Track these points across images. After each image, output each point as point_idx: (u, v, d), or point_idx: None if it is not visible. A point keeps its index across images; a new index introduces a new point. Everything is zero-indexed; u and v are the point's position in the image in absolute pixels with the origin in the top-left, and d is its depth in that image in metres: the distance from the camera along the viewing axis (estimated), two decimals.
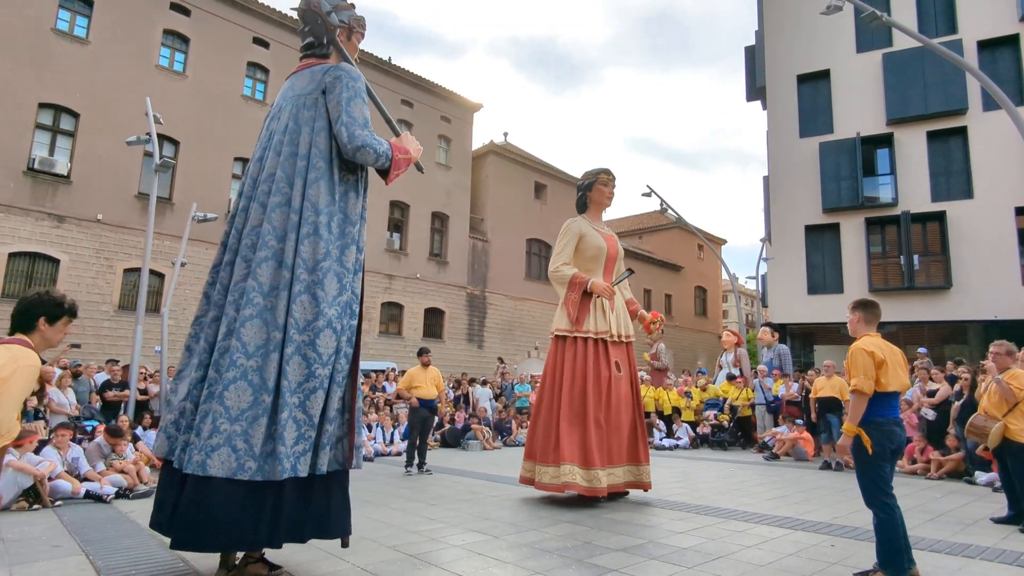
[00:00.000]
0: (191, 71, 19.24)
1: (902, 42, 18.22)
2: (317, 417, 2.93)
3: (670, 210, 20.60)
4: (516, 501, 5.47)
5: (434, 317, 25.29)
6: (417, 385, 8.18)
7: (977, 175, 17.29)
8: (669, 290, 37.83)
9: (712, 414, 11.95)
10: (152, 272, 15.24)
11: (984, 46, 17.70)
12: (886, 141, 18.72)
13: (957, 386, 8.31)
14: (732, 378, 12.12)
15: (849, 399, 3.43)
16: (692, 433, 11.92)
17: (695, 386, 13.17)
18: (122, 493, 6.05)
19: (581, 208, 6.13)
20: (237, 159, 19.95)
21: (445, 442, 11.46)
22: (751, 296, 50.04)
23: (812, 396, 9.56)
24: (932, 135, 18.06)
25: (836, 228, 19.13)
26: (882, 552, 3.12)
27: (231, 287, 3.04)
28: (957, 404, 7.87)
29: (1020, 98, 16.10)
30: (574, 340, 5.55)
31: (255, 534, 2.75)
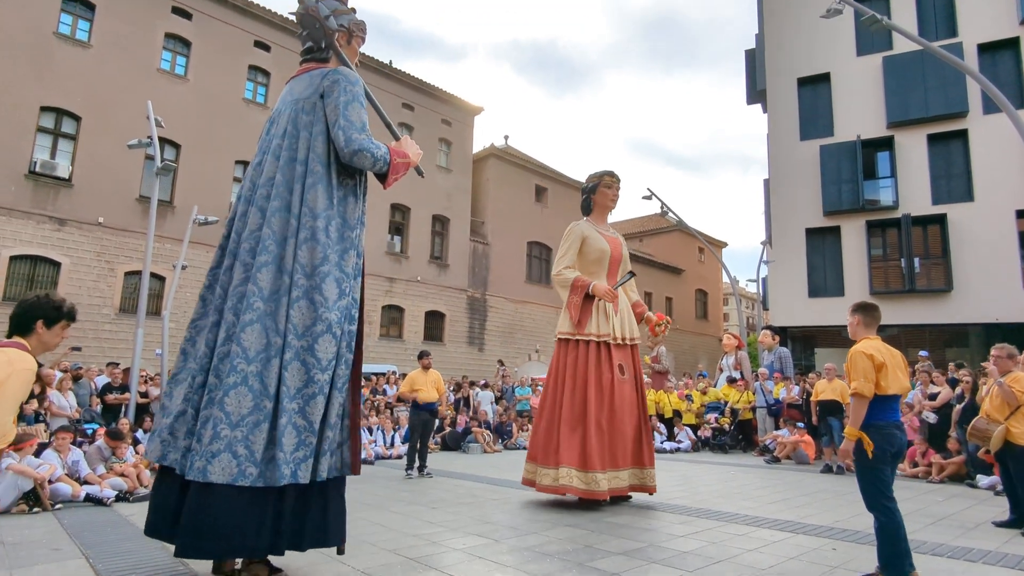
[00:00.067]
0: (192, 74, 19.29)
1: (902, 45, 18.24)
2: (318, 423, 2.91)
3: (671, 213, 20.64)
4: (517, 504, 5.46)
5: (435, 320, 25.29)
6: (418, 388, 8.17)
7: (978, 178, 17.31)
8: (670, 293, 37.80)
9: (713, 417, 11.94)
10: (153, 275, 15.28)
11: (984, 49, 17.74)
12: (886, 144, 18.73)
13: (958, 389, 8.30)
14: (733, 381, 12.11)
15: (850, 402, 3.42)
16: (693, 436, 11.92)
17: (696, 389, 13.17)
18: (122, 496, 6.04)
19: (586, 211, 6.14)
20: (238, 162, 19.98)
21: (446, 445, 11.45)
22: (752, 299, 49.99)
23: (813, 399, 9.54)
24: (932, 138, 18.08)
25: (837, 231, 19.13)
26: (883, 556, 3.12)
27: (230, 291, 3.02)
28: (958, 407, 7.86)
29: (1020, 101, 16.10)
30: (576, 343, 5.55)
31: (258, 540, 2.74)
